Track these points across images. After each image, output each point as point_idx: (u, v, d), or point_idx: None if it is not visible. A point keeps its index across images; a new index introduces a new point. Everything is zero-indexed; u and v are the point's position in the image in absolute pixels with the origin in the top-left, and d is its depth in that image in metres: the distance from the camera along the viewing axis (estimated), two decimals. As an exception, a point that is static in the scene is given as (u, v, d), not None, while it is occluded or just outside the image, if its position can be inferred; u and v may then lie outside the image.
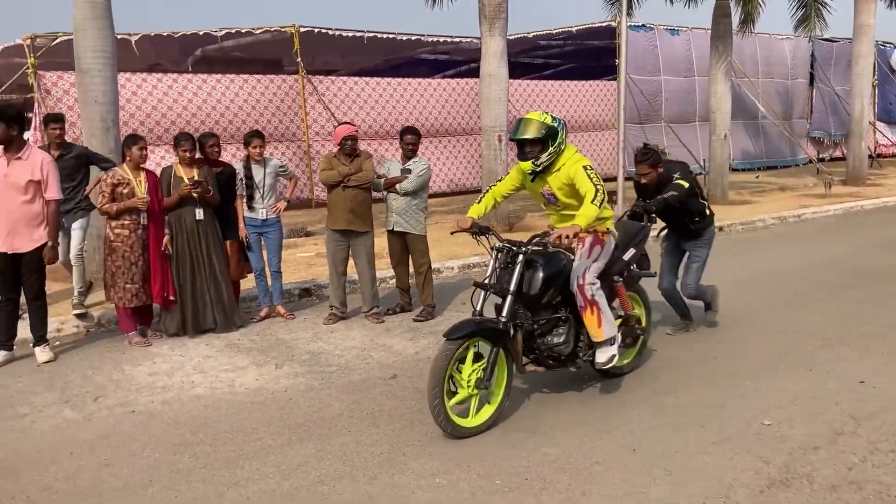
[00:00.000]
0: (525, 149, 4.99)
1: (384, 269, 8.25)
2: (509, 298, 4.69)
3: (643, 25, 20.34)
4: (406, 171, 7.29)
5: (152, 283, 6.65)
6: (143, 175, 6.69)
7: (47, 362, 6.18)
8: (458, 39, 18.63)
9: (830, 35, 21.97)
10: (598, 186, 4.80)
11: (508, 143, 12.96)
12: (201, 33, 15.49)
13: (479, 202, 5.30)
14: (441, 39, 18.34)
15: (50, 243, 6.08)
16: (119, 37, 9.84)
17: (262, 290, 7.50)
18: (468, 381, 4.54)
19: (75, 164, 7.34)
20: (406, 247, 7.43)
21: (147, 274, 6.65)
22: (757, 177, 21.04)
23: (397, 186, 7.24)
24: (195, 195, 6.75)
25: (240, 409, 5.14)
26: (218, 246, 6.96)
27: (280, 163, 7.51)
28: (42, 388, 5.62)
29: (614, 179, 13.78)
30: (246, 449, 4.47)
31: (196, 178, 6.80)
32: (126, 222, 6.57)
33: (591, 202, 4.75)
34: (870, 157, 22.45)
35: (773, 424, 4.62)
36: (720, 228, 12.47)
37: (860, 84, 19.21)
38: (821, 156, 24.87)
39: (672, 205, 6.01)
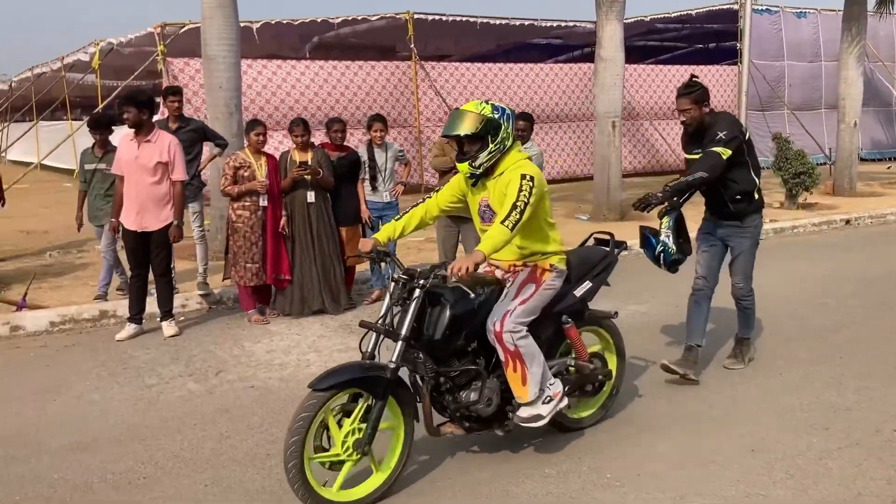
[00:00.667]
0: (463, 148, 4.02)
1: (494, 256, 8.26)
2: (399, 345, 3.73)
3: (767, 9, 19.44)
4: None
5: (267, 264, 6.86)
6: (263, 159, 6.92)
7: (173, 336, 6.50)
8: (571, 24, 18.34)
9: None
10: (521, 203, 3.77)
11: (622, 130, 12.70)
12: (319, 20, 15.87)
13: (398, 219, 4.23)
14: (555, 24, 18.11)
15: (176, 222, 6.38)
16: (241, 25, 10.18)
17: (377, 273, 7.64)
18: (344, 441, 3.61)
19: (192, 138, 7.57)
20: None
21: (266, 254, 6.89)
22: (889, 167, 19.81)
23: None
24: (307, 178, 6.91)
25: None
26: (328, 229, 7.10)
27: (399, 148, 7.64)
28: (168, 361, 5.92)
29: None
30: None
31: (310, 161, 6.97)
32: (247, 204, 6.81)
33: (502, 222, 3.74)
34: None
35: (905, 431, 4.35)
36: (847, 222, 11.85)
37: None
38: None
39: (699, 185, 5.01)
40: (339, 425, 3.65)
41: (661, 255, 5.17)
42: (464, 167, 4.01)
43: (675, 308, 7.09)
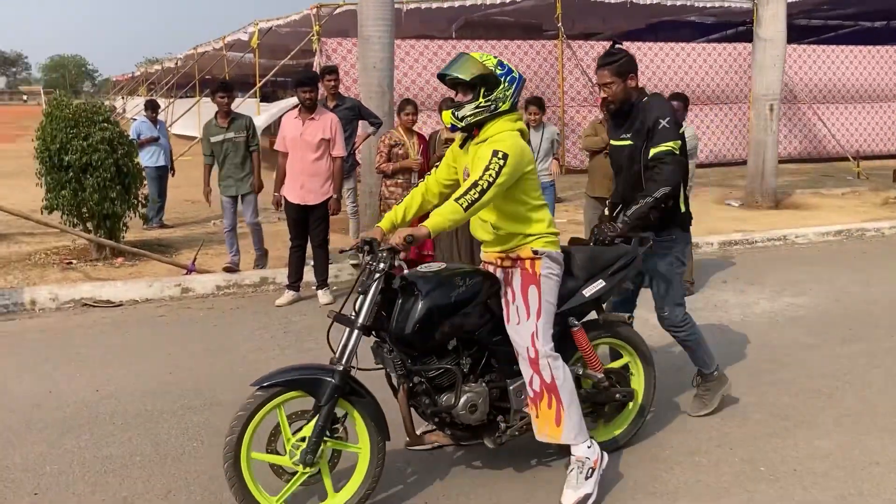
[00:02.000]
0: (456, 97, 3.56)
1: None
2: (354, 334, 3.32)
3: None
4: None
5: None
6: (415, 137, 7.11)
7: (328, 304, 6.83)
8: (727, 4, 17.58)
9: None
10: (483, 182, 3.29)
11: (780, 113, 12.12)
12: (468, 3, 15.96)
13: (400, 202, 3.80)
14: (710, 3, 17.42)
15: (335, 196, 6.69)
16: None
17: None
18: (293, 449, 3.25)
19: (348, 116, 7.85)
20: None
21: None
22: None
23: None
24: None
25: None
26: None
27: (556, 129, 7.67)
28: (323, 327, 6.19)
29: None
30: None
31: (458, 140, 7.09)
32: (399, 181, 7.04)
33: (456, 199, 3.28)
34: None
35: None
36: None
37: None
38: None
39: (658, 205, 3.99)
40: (294, 431, 3.31)
41: None
42: (447, 117, 3.55)
43: (835, 302, 6.79)
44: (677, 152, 4.01)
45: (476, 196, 3.27)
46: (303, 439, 3.24)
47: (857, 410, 4.52)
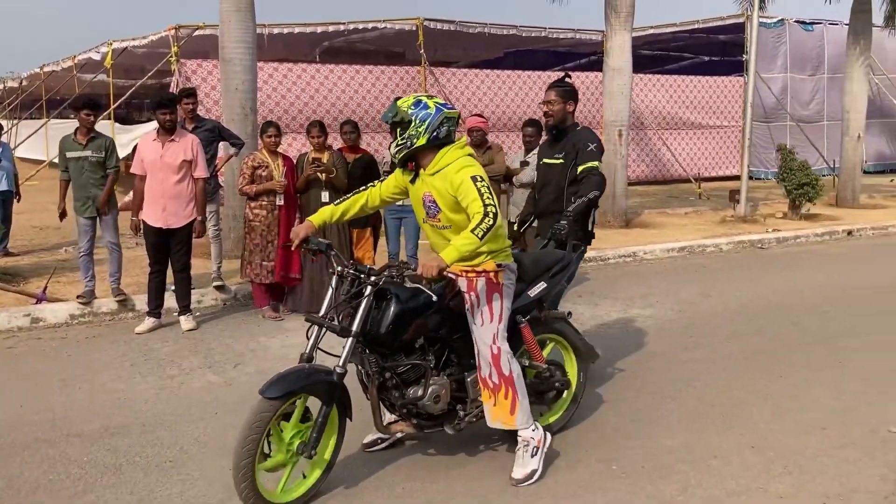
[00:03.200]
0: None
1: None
2: (350, 342, 3.69)
3: (774, 21, 19.64)
4: (525, 164, 7.43)
5: (276, 262, 7.02)
6: (280, 159, 7.11)
7: (191, 330, 6.68)
8: (579, 34, 18.55)
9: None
10: (490, 206, 3.63)
11: (629, 138, 12.89)
12: (329, 28, 16.06)
13: (337, 203, 4.11)
14: (563, 34, 18.31)
15: (199, 218, 6.59)
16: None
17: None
18: (289, 445, 3.63)
19: (208, 138, 7.64)
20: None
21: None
22: (892, 180, 19.99)
23: (514, 179, 7.40)
24: (321, 177, 7.08)
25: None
26: (340, 229, 7.21)
27: None
28: (187, 353, 6.11)
29: (737, 178, 13.46)
30: (374, 420, 4.74)
31: (326, 163, 7.14)
32: (264, 203, 7.00)
33: (473, 230, 3.58)
34: None
35: (900, 433, 4.53)
36: (849, 233, 12.03)
37: None
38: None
39: (593, 203, 4.92)
40: (280, 430, 3.63)
41: None
42: (392, 150, 3.89)
43: (679, 313, 7.30)
44: (599, 169, 4.88)
45: (491, 222, 3.62)
46: (296, 434, 3.63)
47: (699, 410, 4.91)
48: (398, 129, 3.80)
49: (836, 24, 19.83)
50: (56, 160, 7.61)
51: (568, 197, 4.96)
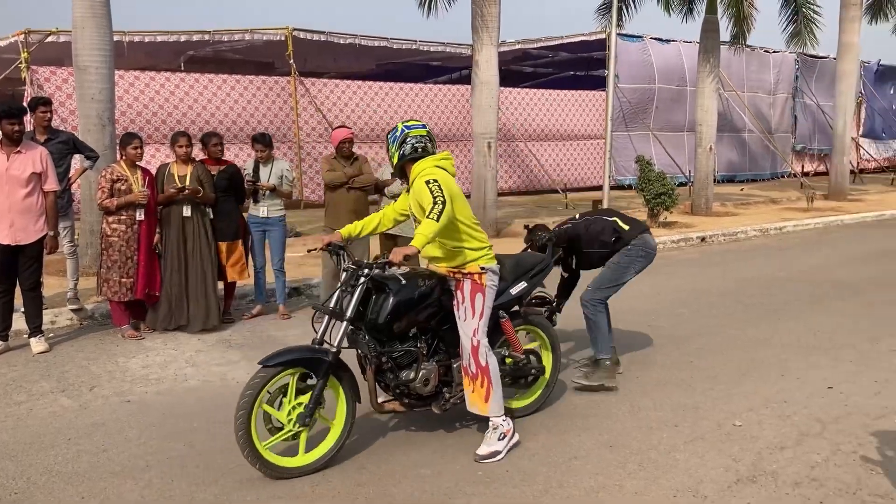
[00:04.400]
0: None
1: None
2: (343, 325, 4.22)
3: (635, 36, 20.64)
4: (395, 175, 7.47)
5: (137, 279, 6.76)
6: (139, 172, 6.84)
7: (43, 353, 6.32)
8: (450, 48, 18.86)
9: (816, 52, 22.36)
10: (438, 198, 4.20)
11: (498, 150, 13.20)
12: (194, 37, 15.62)
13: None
14: (433, 47, 18.56)
15: (51, 233, 6.24)
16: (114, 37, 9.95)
17: (259, 289, 7.68)
18: (289, 417, 4.10)
19: (62, 150, 7.25)
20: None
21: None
22: (742, 189, 21.38)
23: (385, 190, 7.43)
24: (189, 182, 6.88)
25: (233, 401, 5.20)
26: (205, 244, 7.03)
27: (288, 166, 7.68)
28: (38, 377, 5.77)
29: (600, 188, 14.03)
30: (238, 438, 4.63)
31: (189, 176, 6.93)
32: (122, 217, 6.72)
33: (428, 215, 4.16)
34: (852, 172, 22.87)
35: (743, 426, 4.84)
36: (702, 239, 12.77)
37: (844, 101, 19.61)
38: (805, 170, 25.31)
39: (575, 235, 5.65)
40: (280, 407, 4.12)
41: None
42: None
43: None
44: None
45: (441, 207, 4.17)
46: (294, 407, 4.08)
47: (560, 412, 5.08)
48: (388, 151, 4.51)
49: (690, 42, 21.06)
50: None
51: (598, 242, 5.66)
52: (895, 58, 26.92)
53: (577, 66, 23.24)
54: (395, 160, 4.48)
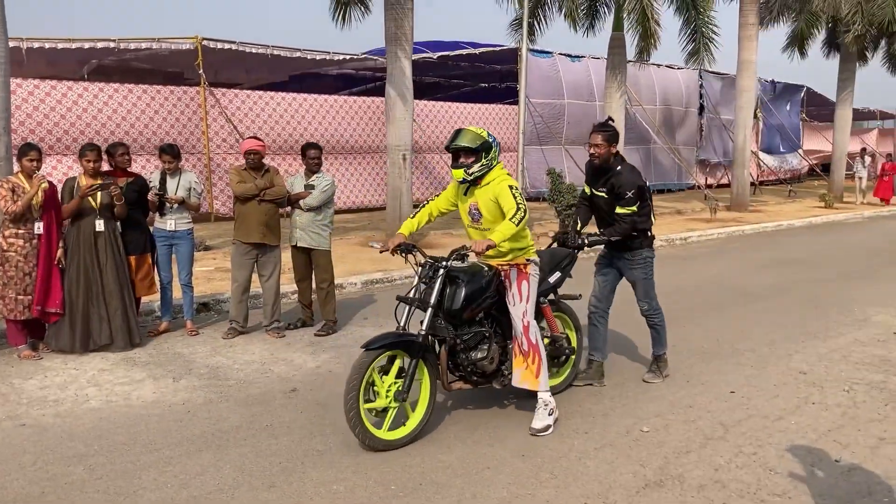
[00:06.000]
0: (459, 159, 5.01)
1: (287, 284, 8.29)
2: (429, 311, 4.77)
3: (545, 51, 21.08)
4: (310, 187, 7.39)
5: (35, 296, 6.46)
6: (38, 183, 6.54)
7: (-70, 376, 5.96)
8: (364, 57, 18.83)
9: (717, 69, 23.33)
10: (521, 206, 4.81)
11: (413, 162, 13.22)
12: (99, 45, 15.12)
13: (412, 217, 5.28)
14: (347, 57, 18.49)
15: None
16: (10, 44, 9.52)
17: (166, 304, 7.44)
18: (387, 392, 4.63)
19: None
20: (310, 262, 7.51)
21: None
22: (649, 200, 22.01)
23: (301, 202, 7.33)
24: (93, 203, 6.62)
25: (137, 421, 5.12)
26: (118, 259, 6.79)
27: (196, 178, 7.47)
28: (-75, 403, 5.43)
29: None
30: (143, 460, 4.48)
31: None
32: (21, 231, 6.42)
33: (510, 219, 4.75)
34: (752, 184, 23.90)
35: (650, 431, 4.97)
36: (612, 249, 13.07)
37: (743, 116, 20.48)
38: (708, 182, 26.30)
39: (611, 244, 5.84)
40: (382, 381, 4.64)
41: None
42: (459, 173, 4.97)
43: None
44: (636, 215, 5.64)
45: (522, 215, 4.80)
46: (392, 384, 4.65)
47: (473, 424, 5.10)
48: (482, 153, 4.92)
49: (599, 59, 21.64)
50: None
51: (612, 226, 5.75)
52: (790, 76, 28.26)
53: (491, 79, 23.57)
54: (495, 163, 5.00)
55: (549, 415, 4.97)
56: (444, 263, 4.86)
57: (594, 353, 6.04)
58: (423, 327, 4.74)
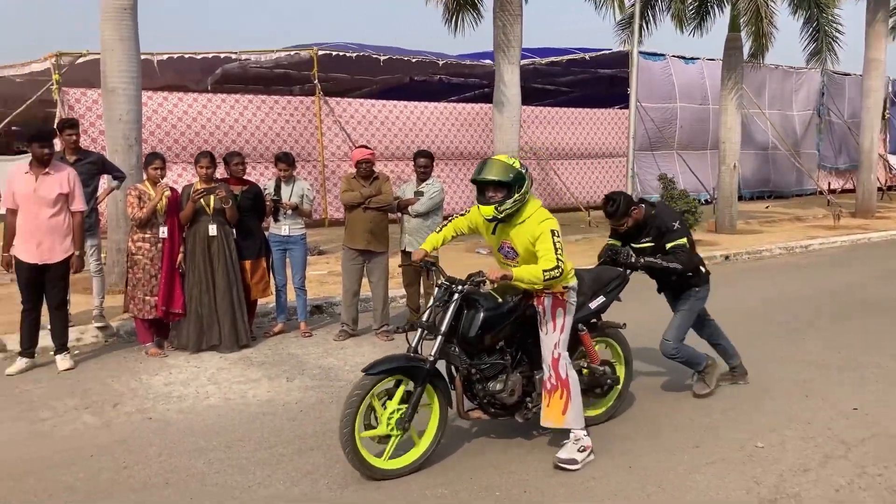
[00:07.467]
0: (487, 193, 4.49)
1: (395, 289, 8.44)
2: (439, 339, 4.41)
3: (658, 54, 20.62)
4: (419, 194, 7.52)
5: (158, 297, 6.84)
6: (165, 191, 6.93)
7: (68, 370, 6.41)
8: (474, 62, 18.96)
9: (838, 69, 22.18)
10: (560, 261, 4.36)
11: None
12: (222, 55, 15.86)
13: (438, 231, 4.98)
14: (457, 62, 18.67)
15: (77, 253, 6.35)
16: (143, 57, 10.11)
17: (281, 307, 7.74)
18: (388, 419, 4.29)
19: (90, 171, 7.37)
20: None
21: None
22: (766, 207, 21.18)
23: (409, 208, 7.47)
24: (207, 210, 6.93)
25: (252, 419, 5.34)
26: (230, 263, 7.08)
27: (308, 185, 7.73)
28: (62, 394, 5.85)
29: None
30: (257, 456, 4.67)
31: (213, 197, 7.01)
32: (147, 235, 6.82)
33: (544, 271, 4.32)
34: (879, 189, 22.58)
35: (765, 447, 4.78)
36: (726, 257, 12.67)
37: (870, 117, 19.40)
38: (831, 187, 25.04)
39: (670, 271, 5.44)
40: (384, 407, 4.31)
41: None
42: (489, 210, 4.47)
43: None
44: (687, 246, 5.39)
45: (557, 273, 4.35)
46: (395, 411, 4.30)
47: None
48: (515, 186, 4.41)
49: (714, 60, 20.98)
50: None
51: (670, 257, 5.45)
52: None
53: (600, 84, 23.22)
54: (528, 196, 4.52)
55: (580, 452, 4.51)
56: (459, 287, 4.49)
57: (731, 360, 6.07)
58: (432, 354, 4.37)
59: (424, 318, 4.52)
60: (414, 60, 17.86)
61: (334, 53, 16.51)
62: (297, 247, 7.58)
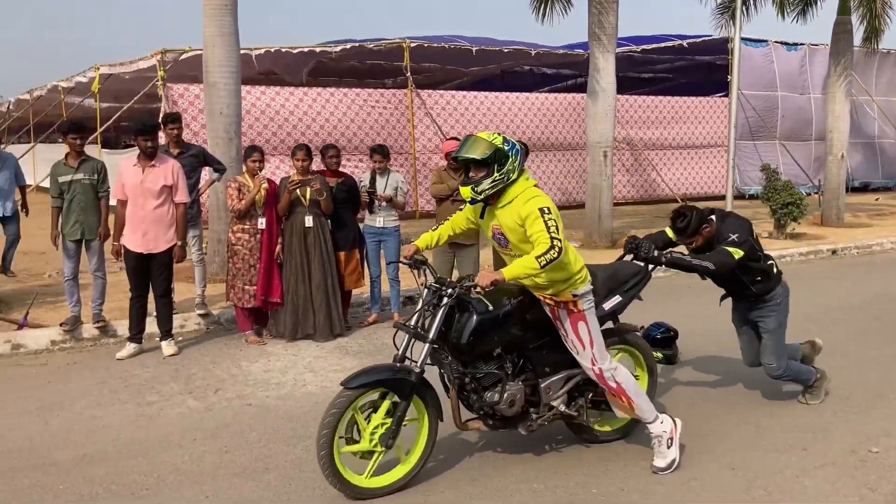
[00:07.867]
0: (469, 173, 4.08)
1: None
2: (426, 347, 4.05)
3: (759, 40, 19.84)
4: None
5: (257, 286, 7.00)
6: (263, 183, 7.09)
7: (172, 355, 6.65)
8: (564, 53, 18.70)
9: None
10: (556, 240, 3.83)
11: (612, 160, 12.94)
12: (318, 49, 16.16)
13: (434, 229, 4.57)
14: (550, 51, 18.45)
15: (179, 243, 6.58)
16: (241, 52, 10.37)
17: (375, 297, 7.83)
18: (372, 434, 3.97)
19: (192, 163, 7.64)
20: (506, 259, 7.57)
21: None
22: (877, 199, 20.13)
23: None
24: (303, 200, 7.05)
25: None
26: (325, 253, 7.18)
27: (402, 178, 7.79)
28: (168, 379, 6.07)
29: (723, 198, 13.53)
30: (353, 445, 4.71)
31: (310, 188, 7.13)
32: (246, 226, 6.99)
33: (537, 258, 3.79)
34: None
35: (881, 452, 4.52)
36: (833, 252, 12.10)
37: None
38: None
39: (700, 273, 4.88)
40: (368, 420, 3.99)
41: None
42: (466, 191, 4.05)
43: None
44: (735, 255, 4.79)
45: (555, 255, 3.82)
46: (379, 425, 3.95)
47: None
48: (495, 165, 3.94)
49: (819, 45, 20.06)
50: (43, 184, 7.55)
51: (741, 279, 5.08)
52: None
53: (699, 71, 22.53)
54: (515, 175, 4.00)
55: (669, 447, 4.28)
56: (448, 290, 4.06)
57: (809, 381, 5.40)
58: (418, 364, 4.03)
59: (412, 322, 4.13)
60: (506, 50, 17.76)
61: (426, 45, 16.57)
62: (391, 238, 7.64)
